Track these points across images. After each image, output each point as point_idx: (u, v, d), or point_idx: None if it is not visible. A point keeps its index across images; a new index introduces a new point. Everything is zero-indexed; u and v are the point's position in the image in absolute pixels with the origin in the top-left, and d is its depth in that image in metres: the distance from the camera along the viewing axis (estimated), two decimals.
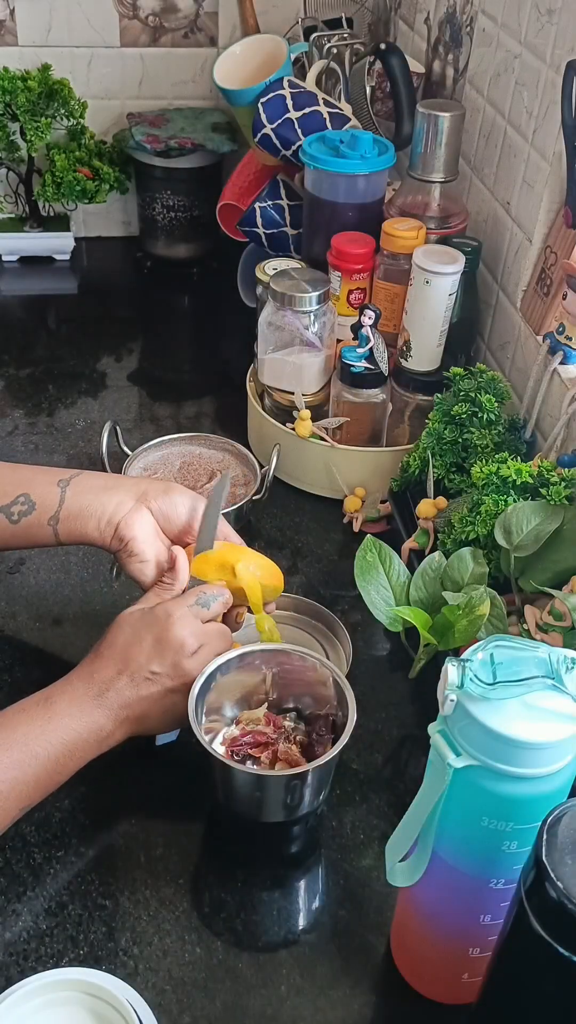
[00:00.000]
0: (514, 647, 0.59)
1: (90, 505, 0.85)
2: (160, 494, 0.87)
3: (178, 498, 0.87)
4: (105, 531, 0.85)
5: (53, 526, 0.86)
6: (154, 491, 0.87)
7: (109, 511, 0.85)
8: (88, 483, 0.87)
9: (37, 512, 0.86)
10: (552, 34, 0.99)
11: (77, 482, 0.87)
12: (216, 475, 1.11)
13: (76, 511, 0.85)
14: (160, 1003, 0.70)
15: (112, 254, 1.71)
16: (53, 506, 0.86)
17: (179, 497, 0.87)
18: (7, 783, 0.71)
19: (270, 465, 1.10)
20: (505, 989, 0.60)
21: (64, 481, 0.87)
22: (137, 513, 0.85)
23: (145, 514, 0.86)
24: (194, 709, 0.78)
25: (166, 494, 0.87)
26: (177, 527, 0.87)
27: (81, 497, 0.86)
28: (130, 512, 0.85)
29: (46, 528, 0.86)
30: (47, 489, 0.86)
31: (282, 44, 1.38)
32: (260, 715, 0.85)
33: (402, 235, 1.11)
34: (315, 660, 0.83)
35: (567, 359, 0.99)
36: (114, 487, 0.87)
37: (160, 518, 0.87)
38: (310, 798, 0.79)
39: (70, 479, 0.87)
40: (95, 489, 0.86)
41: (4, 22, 1.53)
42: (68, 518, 0.85)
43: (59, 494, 0.86)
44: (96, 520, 0.85)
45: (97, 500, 0.85)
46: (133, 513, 0.85)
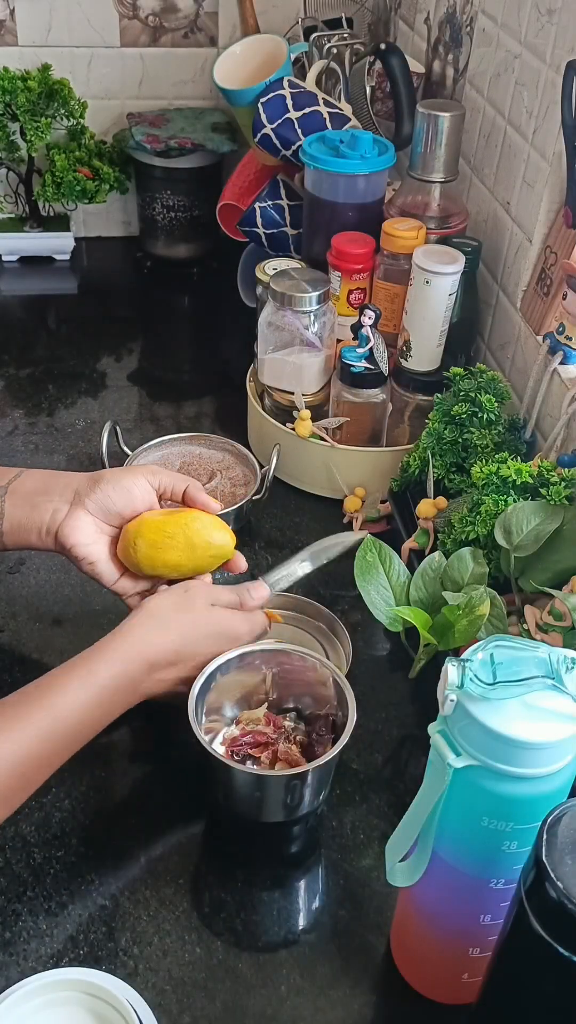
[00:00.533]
0: (514, 647, 0.59)
1: (27, 517, 0.84)
2: (91, 489, 0.84)
3: (109, 488, 0.84)
4: (46, 540, 0.85)
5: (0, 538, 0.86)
6: (85, 487, 0.84)
7: (46, 521, 0.84)
8: (24, 490, 0.86)
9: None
10: (552, 34, 0.99)
11: (14, 490, 0.86)
12: (215, 476, 1.11)
13: (17, 524, 0.85)
14: (160, 1003, 0.70)
15: (112, 254, 1.71)
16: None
17: (110, 486, 0.85)
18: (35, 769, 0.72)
19: (270, 465, 1.10)
20: (505, 989, 0.60)
21: (2, 488, 0.86)
22: (72, 519, 0.83)
23: (82, 517, 0.84)
24: (194, 709, 0.78)
25: (96, 486, 0.84)
26: (120, 514, 0.85)
27: (19, 509, 0.85)
28: (66, 519, 0.83)
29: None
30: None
31: (282, 44, 1.38)
32: (260, 715, 0.85)
33: (402, 235, 1.11)
34: (315, 660, 0.83)
35: (567, 359, 0.99)
36: (47, 491, 0.85)
37: (100, 514, 0.85)
38: (310, 798, 0.79)
39: (8, 485, 0.86)
40: (30, 497, 0.85)
41: (4, 22, 1.53)
42: (11, 531, 0.85)
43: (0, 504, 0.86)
44: (36, 531, 0.84)
45: (34, 511, 0.84)
46: (69, 520, 0.83)
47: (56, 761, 0.74)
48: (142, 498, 0.86)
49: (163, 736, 0.89)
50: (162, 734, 0.89)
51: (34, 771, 0.72)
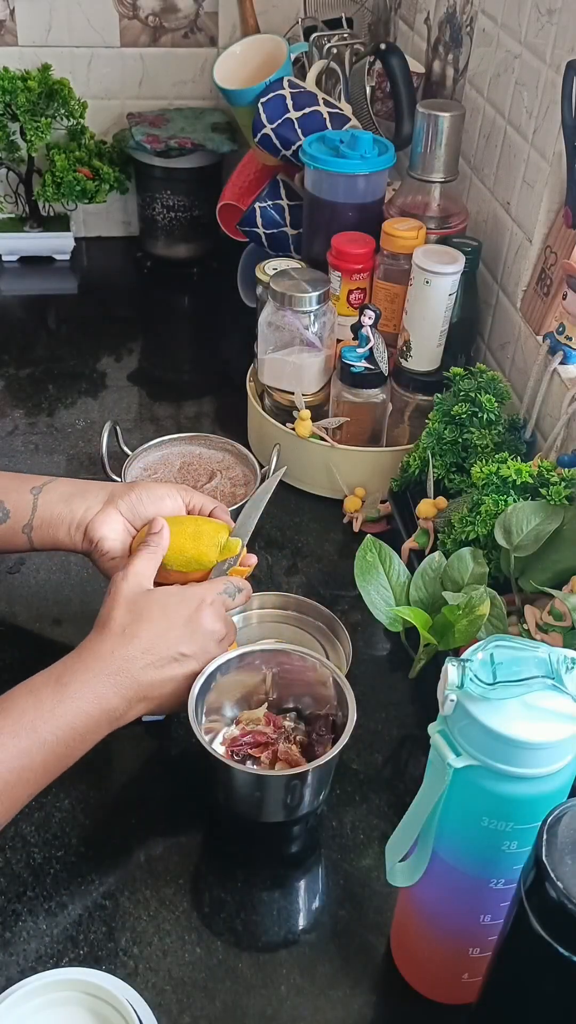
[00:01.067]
0: (514, 647, 0.59)
1: (60, 513, 0.87)
2: (126, 493, 0.88)
3: (143, 493, 0.88)
4: (75, 535, 0.87)
5: (27, 534, 0.88)
6: (120, 491, 0.89)
7: (78, 516, 0.87)
8: (59, 490, 0.89)
9: (11, 520, 0.88)
10: (552, 34, 0.99)
11: (49, 489, 0.89)
12: (215, 476, 1.11)
13: (48, 519, 0.87)
14: (160, 1003, 0.70)
15: (112, 254, 1.71)
16: (27, 514, 0.88)
17: (143, 493, 0.88)
18: (14, 772, 0.70)
19: (270, 465, 1.10)
20: (505, 989, 0.60)
21: (37, 488, 0.89)
22: (104, 515, 0.87)
23: (113, 514, 0.87)
24: (194, 709, 0.78)
25: (131, 491, 0.88)
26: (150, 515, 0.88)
27: (53, 506, 0.88)
28: (98, 515, 0.87)
29: (21, 535, 0.88)
30: (21, 497, 0.88)
31: (282, 44, 1.38)
32: (260, 715, 0.85)
33: (402, 235, 1.11)
34: (315, 660, 0.83)
35: (567, 359, 0.99)
36: (83, 493, 0.89)
37: (129, 515, 0.88)
38: (310, 798, 0.79)
39: (43, 486, 0.89)
40: (65, 496, 0.88)
41: (4, 22, 1.53)
42: (41, 526, 0.88)
43: (31, 501, 0.88)
44: (66, 526, 0.87)
45: (67, 507, 0.87)
46: (101, 515, 0.87)
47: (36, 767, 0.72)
48: (171, 508, 0.89)
49: (163, 736, 0.89)
50: (162, 734, 0.89)
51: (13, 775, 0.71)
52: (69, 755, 0.74)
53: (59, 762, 0.73)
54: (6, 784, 0.70)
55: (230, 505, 1.06)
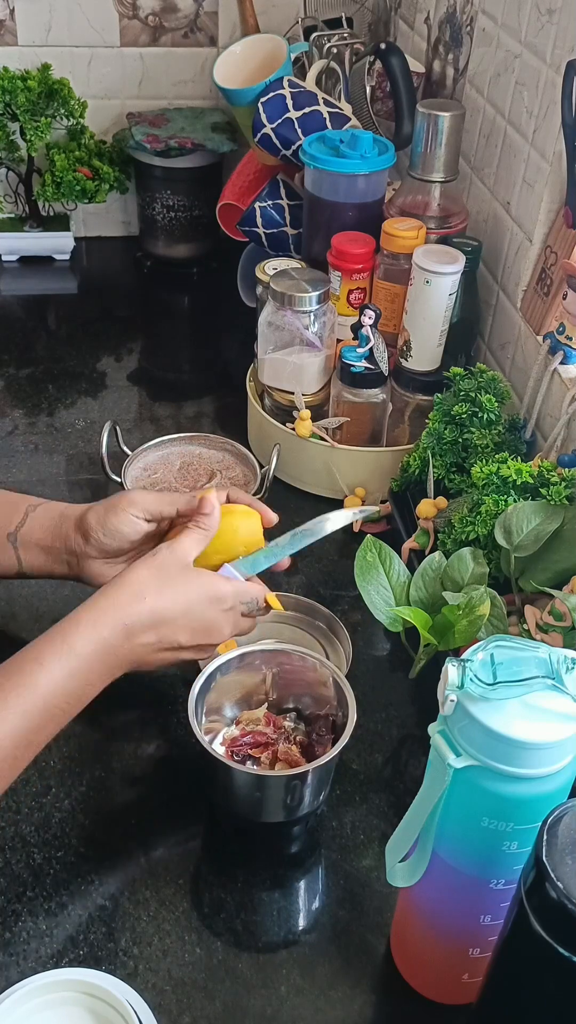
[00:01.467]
0: (514, 647, 0.59)
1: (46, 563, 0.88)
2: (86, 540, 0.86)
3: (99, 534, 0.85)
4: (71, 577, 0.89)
5: (21, 575, 0.90)
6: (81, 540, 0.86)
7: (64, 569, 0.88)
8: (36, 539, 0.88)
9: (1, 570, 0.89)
10: (552, 34, 0.99)
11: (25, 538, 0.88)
12: (215, 476, 1.11)
13: (37, 568, 0.89)
14: (160, 1003, 0.70)
15: (112, 254, 1.71)
16: (13, 565, 0.89)
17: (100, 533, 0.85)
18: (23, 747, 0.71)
19: (270, 465, 1.10)
20: (505, 989, 0.60)
21: (12, 536, 0.88)
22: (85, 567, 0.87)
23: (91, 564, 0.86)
24: (194, 709, 0.78)
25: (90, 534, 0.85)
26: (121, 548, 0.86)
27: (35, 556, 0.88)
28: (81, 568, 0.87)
29: (14, 576, 0.90)
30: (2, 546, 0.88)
31: (282, 44, 1.38)
32: (260, 715, 0.85)
33: (402, 235, 1.11)
34: (315, 660, 0.83)
35: (567, 359, 0.99)
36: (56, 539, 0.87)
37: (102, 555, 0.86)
38: (310, 798, 0.79)
39: (17, 533, 0.88)
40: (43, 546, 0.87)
41: (4, 22, 1.53)
42: (32, 571, 0.89)
43: (14, 553, 0.88)
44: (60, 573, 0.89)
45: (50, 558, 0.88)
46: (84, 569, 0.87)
47: (42, 738, 0.72)
48: (134, 531, 0.85)
49: (163, 736, 0.89)
50: (162, 734, 0.89)
51: (21, 749, 0.71)
52: (69, 719, 0.74)
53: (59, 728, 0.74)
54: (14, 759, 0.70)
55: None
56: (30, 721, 0.71)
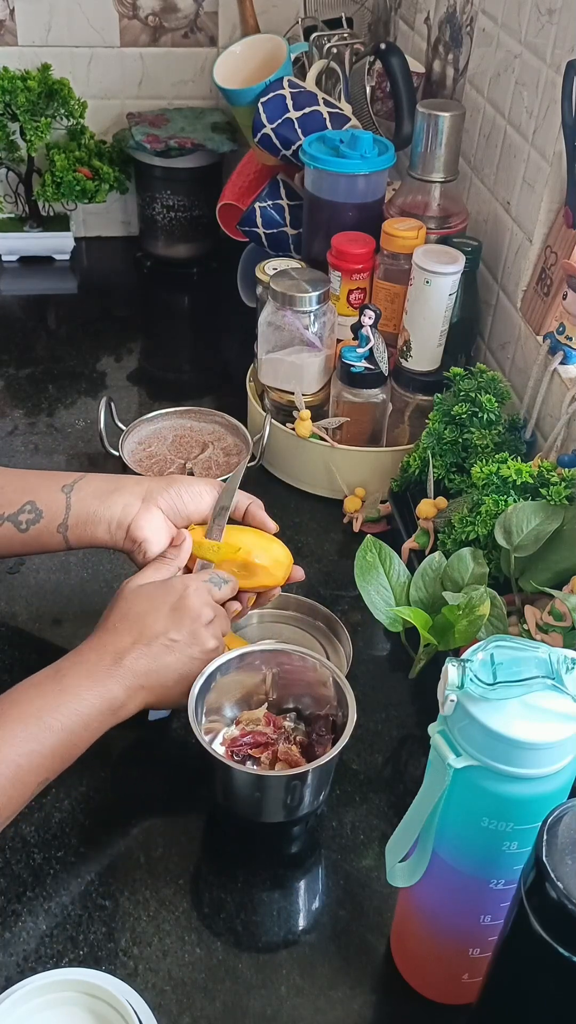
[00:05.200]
0: (514, 647, 0.59)
1: (97, 511, 0.86)
2: (164, 489, 0.88)
3: (183, 488, 0.88)
4: (116, 534, 0.86)
5: (63, 533, 0.87)
6: (158, 488, 0.88)
7: (117, 515, 0.86)
8: (92, 487, 0.88)
9: (45, 520, 0.86)
10: (552, 34, 0.99)
11: (81, 487, 0.87)
12: (208, 447, 1.13)
13: (84, 517, 0.86)
14: (160, 1003, 0.70)
15: (112, 254, 1.71)
16: (60, 513, 0.86)
17: (183, 488, 0.89)
18: (25, 756, 0.71)
19: (263, 432, 1.13)
20: (505, 989, 0.60)
21: (68, 486, 0.87)
22: (147, 513, 0.86)
23: (155, 513, 0.87)
24: (194, 710, 0.78)
25: (170, 487, 0.88)
26: (187, 517, 0.89)
27: (87, 503, 0.86)
28: (139, 514, 0.86)
29: (56, 535, 0.87)
30: (52, 495, 0.87)
31: (282, 44, 1.38)
32: (260, 715, 0.85)
33: (402, 235, 1.11)
34: (315, 660, 0.83)
35: (567, 359, 0.99)
36: (118, 489, 0.87)
37: (170, 513, 0.88)
38: (310, 798, 0.79)
39: (74, 484, 0.88)
40: (100, 493, 0.87)
41: (4, 22, 1.53)
42: (77, 524, 0.86)
43: (64, 500, 0.87)
44: (106, 524, 0.86)
45: (104, 505, 0.86)
46: (143, 514, 0.86)
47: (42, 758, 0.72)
48: (209, 504, 0.89)
49: (163, 736, 0.89)
50: (162, 734, 0.89)
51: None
52: (76, 743, 0.74)
53: (67, 750, 0.74)
54: (19, 768, 0.70)
55: (225, 474, 1.08)
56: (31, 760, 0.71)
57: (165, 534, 0.87)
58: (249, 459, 1.10)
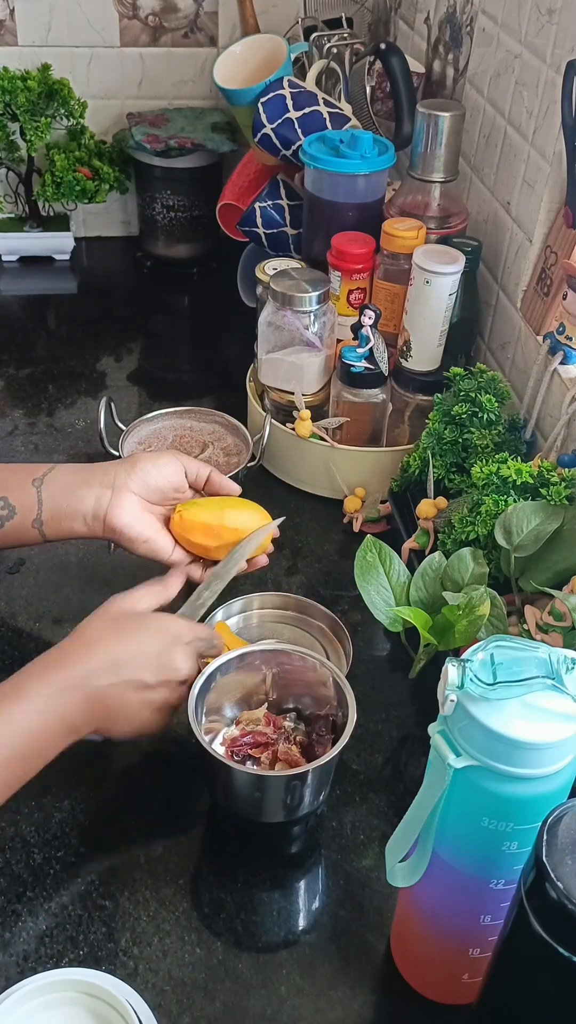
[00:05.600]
0: (514, 647, 0.59)
1: (70, 505, 0.87)
2: (131, 472, 0.88)
3: (148, 466, 0.89)
4: (93, 525, 0.87)
5: (38, 528, 0.87)
6: (125, 472, 0.88)
7: (91, 507, 0.86)
8: (62, 480, 0.88)
9: (19, 516, 0.87)
10: (552, 34, 0.99)
11: (51, 480, 0.88)
12: (208, 447, 1.13)
13: (58, 512, 0.87)
14: (160, 1003, 0.70)
15: (112, 254, 1.71)
16: (33, 509, 0.87)
17: (149, 464, 0.89)
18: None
19: (263, 432, 1.13)
20: (505, 989, 0.60)
21: (38, 480, 0.87)
22: (120, 500, 0.86)
23: (128, 498, 0.87)
24: (194, 709, 0.78)
25: (135, 468, 0.88)
26: (160, 491, 0.89)
27: (59, 498, 0.87)
28: (112, 503, 0.86)
29: (32, 530, 0.87)
30: (24, 490, 0.87)
31: (282, 44, 1.38)
32: (260, 715, 0.85)
33: (402, 235, 1.11)
34: (315, 660, 0.83)
35: (567, 359, 0.99)
36: (87, 482, 0.88)
37: (142, 492, 0.88)
38: (310, 798, 0.79)
39: (43, 477, 0.88)
40: (71, 486, 0.87)
41: (4, 22, 1.53)
42: (51, 519, 0.87)
43: (36, 495, 0.87)
44: (81, 518, 0.87)
45: (75, 498, 0.87)
46: (116, 502, 0.86)
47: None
48: (175, 473, 0.90)
49: (163, 736, 0.89)
50: (162, 734, 0.89)
51: None
52: (27, 767, 0.72)
53: (14, 778, 0.72)
54: None
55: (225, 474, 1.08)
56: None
57: (143, 515, 0.88)
58: (249, 459, 1.11)
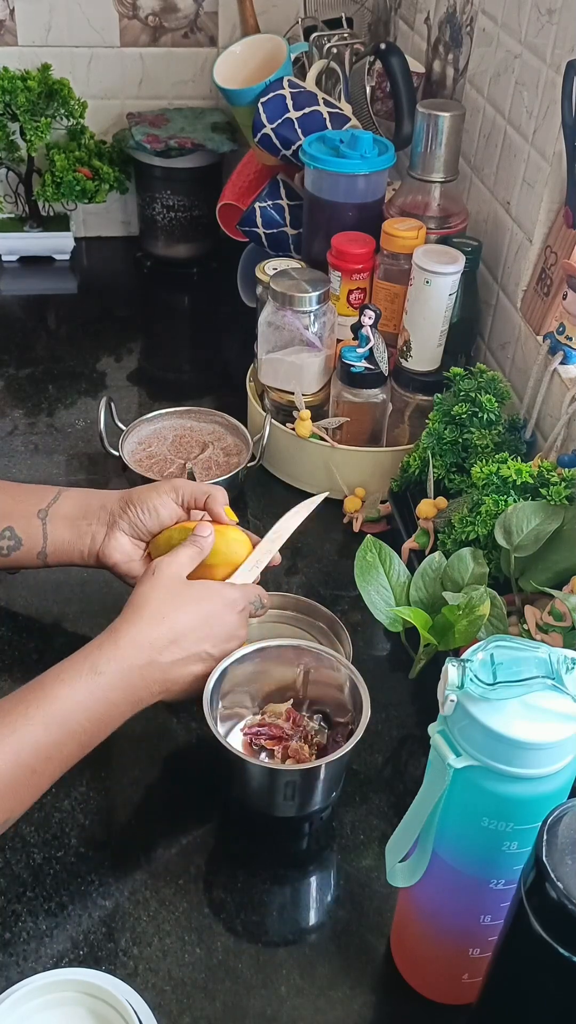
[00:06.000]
0: (514, 647, 0.59)
1: (70, 540, 0.90)
2: (123, 512, 0.90)
3: (138, 509, 0.90)
4: (88, 560, 0.91)
5: (42, 560, 0.91)
6: (119, 510, 0.90)
7: (87, 544, 0.90)
8: (64, 511, 0.91)
9: (25, 548, 0.91)
10: (552, 34, 0.99)
11: (55, 512, 0.91)
12: (208, 447, 1.13)
13: (60, 546, 0.91)
14: (160, 1003, 0.70)
15: (112, 254, 1.71)
16: (39, 542, 0.90)
17: (139, 508, 0.90)
18: (41, 760, 0.71)
19: (263, 432, 1.13)
20: (505, 989, 0.60)
21: (43, 512, 0.91)
22: (111, 541, 0.89)
23: (119, 538, 0.89)
24: (209, 700, 0.79)
25: (127, 509, 0.90)
26: (149, 532, 0.90)
27: (61, 533, 0.90)
28: (105, 542, 0.89)
29: (35, 560, 0.91)
30: (29, 522, 0.90)
31: (282, 44, 1.38)
32: (283, 709, 0.86)
33: (402, 235, 1.11)
34: (336, 662, 0.84)
35: (567, 359, 0.99)
36: (86, 516, 0.90)
37: (132, 533, 0.90)
38: (310, 797, 0.79)
39: (48, 509, 0.91)
40: (72, 519, 0.90)
41: (4, 22, 1.53)
42: (55, 553, 0.91)
43: (41, 528, 0.90)
44: (79, 553, 0.91)
45: (75, 534, 0.90)
46: (108, 542, 0.89)
47: (64, 754, 0.73)
48: (169, 515, 0.90)
49: (164, 736, 0.89)
50: (162, 734, 0.89)
51: (42, 763, 0.71)
52: (93, 738, 0.75)
53: (82, 750, 0.74)
54: (33, 772, 0.71)
55: (225, 474, 1.08)
56: (50, 735, 0.71)
57: (134, 552, 0.90)
58: (249, 459, 1.11)
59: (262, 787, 0.78)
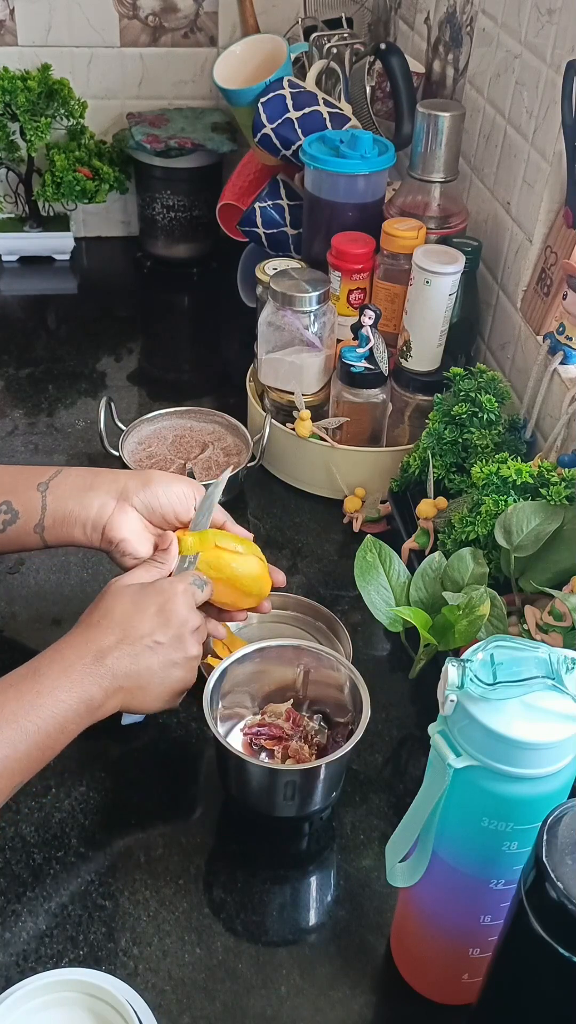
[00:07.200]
0: (514, 647, 0.59)
1: (73, 510, 0.85)
2: (140, 488, 0.86)
3: (159, 488, 0.86)
4: (92, 535, 0.85)
5: (39, 533, 0.86)
6: (134, 486, 0.86)
7: (93, 515, 0.85)
8: (68, 484, 0.86)
9: (22, 520, 0.86)
10: (552, 34, 0.99)
11: (57, 484, 0.87)
12: (208, 447, 1.13)
13: (60, 517, 0.85)
14: (160, 1003, 0.70)
15: (112, 254, 1.71)
16: (36, 513, 0.86)
17: (160, 487, 0.86)
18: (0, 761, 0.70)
19: (264, 432, 1.13)
20: (505, 989, 0.60)
21: (44, 484, 0.87)
22: (121, 514, 0.85)
23: (129, 512, 0.85)
24: (209, 700, 0.79)
25: (147, 486, 0.86)
26: (163, 516, 0.87)
27: (63, 502, 0.86)
28: (114, 514, 0.85)
29: (33, 535, 0.86)
30: (28, 495, 0.86)
31: (282, 44, 1.38)
32: (283, 710, 0.86)
33: (402, 235, 1.11)
34: (336, 662, 0.84)
35: (567, 359, 0.99)
36: (93, 487, 0.86)
37: (145, 512, 0.86)
38: (309, 798, 0.79)
39: (49, 482, 0.87)
40: (76, 491, 0.86)
41: (4, 22, 1.53)
42: (53, 525, 0.86)
43: (40, 500, 0.86)
44: (81, 525, 0.85)
45: (79, 504, 0.85)
46: (117, 514, 0.85)
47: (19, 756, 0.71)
48: (185, 511, 0.87)
49: (163, 736, 0.89)
50: (162, 734, 0.89)
51: None
52: (51, 746, 0.73)
53: (42, 753, 0.73)
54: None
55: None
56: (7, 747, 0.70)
57: (142, 533, 0.86)
58: (249, 459, 1.11)
59: (262, 787, 0.78)
